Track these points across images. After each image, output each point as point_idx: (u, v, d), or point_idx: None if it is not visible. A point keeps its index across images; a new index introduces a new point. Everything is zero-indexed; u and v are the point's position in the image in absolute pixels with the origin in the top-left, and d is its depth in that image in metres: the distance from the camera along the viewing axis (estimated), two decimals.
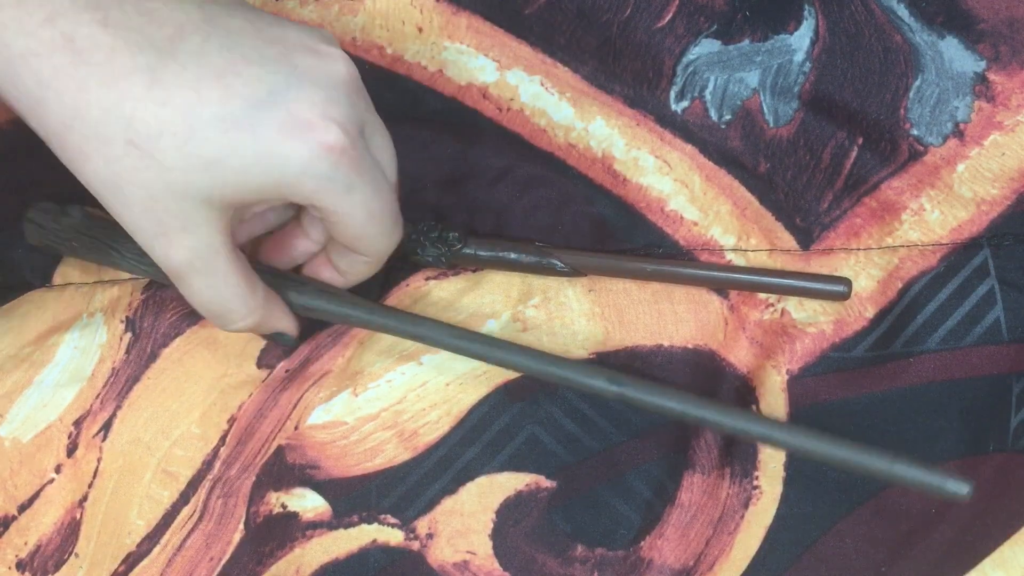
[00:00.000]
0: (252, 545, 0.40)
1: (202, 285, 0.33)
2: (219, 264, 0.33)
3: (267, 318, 0.36)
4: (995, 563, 0.39)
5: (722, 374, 0.41)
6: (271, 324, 0.36)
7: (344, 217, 0.33)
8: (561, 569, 0.40)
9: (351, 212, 0.33)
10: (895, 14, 0.41)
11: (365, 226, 0.34)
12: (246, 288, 0.34)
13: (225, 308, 0.34)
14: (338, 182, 0.32)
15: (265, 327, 0.36)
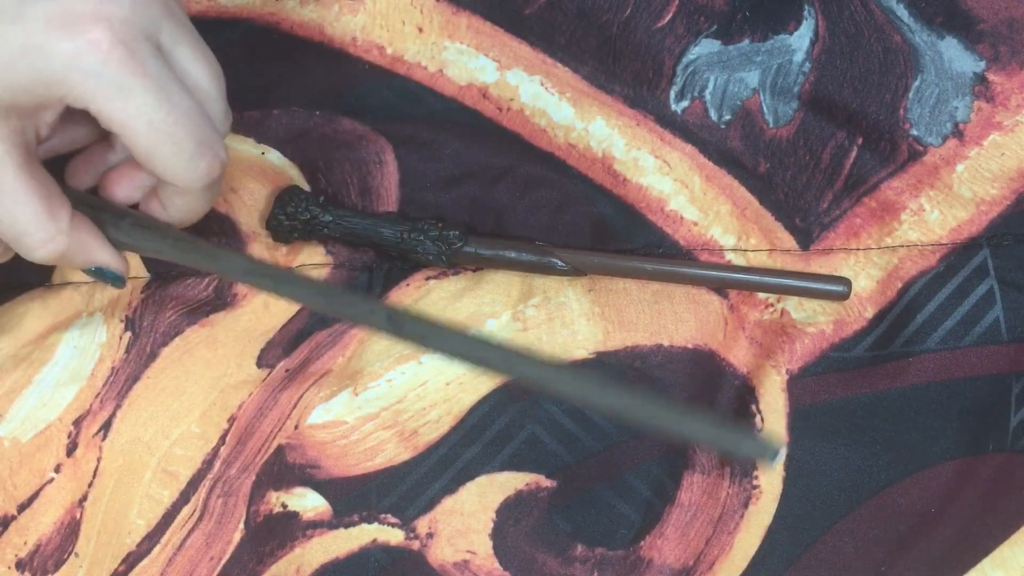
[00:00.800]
0: (252, 544, 0.40)
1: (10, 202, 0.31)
2: (6, 176, 0.31)
3: (78, 247, 0.33)
4: (995, 563, 0.39)
5: (722, 374, 0.41)
6: (85, 255, 0.34)
7: (123, 126, 0.31)
8: (561, 569, 0.40)
9: (129, 121, 0.31)
10: (895, 14, 0.41)
11: (150, 140, 0.31)
12: (43, 207, 0.32)
13: (19, 230, 0.32)
14: (108, 82, 0.30)
15: (78, 258, 0.34)
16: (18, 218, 0.31)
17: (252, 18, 0.43)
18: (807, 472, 0.40)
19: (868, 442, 0.40)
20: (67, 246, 0.33)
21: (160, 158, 0.32)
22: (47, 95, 0.30)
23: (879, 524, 0.40)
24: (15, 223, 0.32)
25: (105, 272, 0.35)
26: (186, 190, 0.34)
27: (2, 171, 0.31)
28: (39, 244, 0.32)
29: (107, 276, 0.35)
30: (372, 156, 0.43)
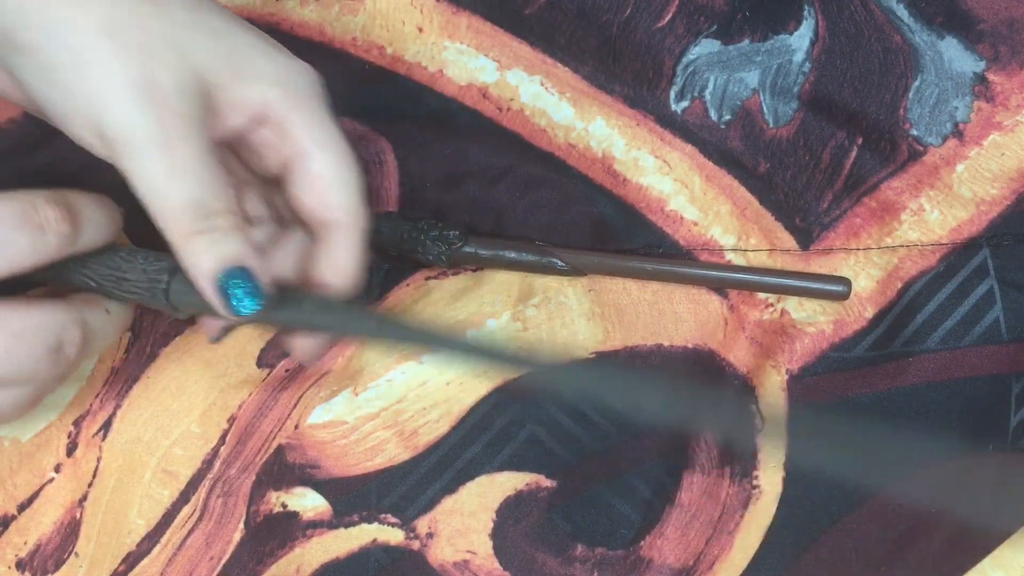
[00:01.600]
0: (252, 544, 0.40)
1: (189, 157, 0.30)
2: (205, 140, 0.30)
3: (248, 236, 0.32)
4: (995, 563, 0.39)
5: (722, 374, 0.41)
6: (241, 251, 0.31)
7: (321, 146, 0.33)
8: (561, 568, 0.40)
9: (327, 141, 0.33)
10: (895, 14, 0.41)
11: (339, 163, 0.33)
12: (228, 182, 0.31)
13: (210, 194, 0.30)
14: (315, 101, 0.32)
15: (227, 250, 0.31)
16: (210, 177, 0.30)
17: (252, 18, 0.43)
18: (807, 472, 0.40)
19: (868, 442, 0.40)
20: (245, 233, 0.31)
21: (343, 183, 0.33)
22: (253, 92, 0.31)
23: (879, 524, 0.40)
24: (204, 180, 0.30)
25: (242, 284, 0.31)
26: (352, 231, 0.34)
27: (195, 129, 0.30)
28: (215, 212, 0.30)
29: (242, 290, 0.31)
30: (372, 156, 0.43)
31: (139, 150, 0.29)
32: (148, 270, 0.34)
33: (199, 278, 0.31)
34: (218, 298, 0.31)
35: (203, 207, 0.30)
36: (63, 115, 0.30)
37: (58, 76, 0.29)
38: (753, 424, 0.41)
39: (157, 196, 0.30)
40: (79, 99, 0.29)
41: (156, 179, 0.29)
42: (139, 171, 0.30)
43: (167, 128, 0.29)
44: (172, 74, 0.29)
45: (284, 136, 0.33)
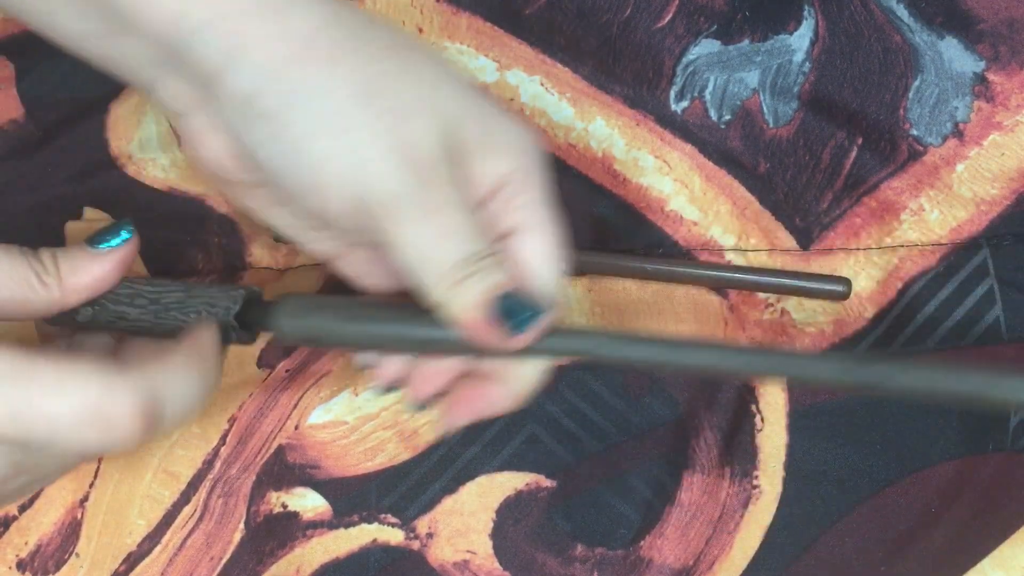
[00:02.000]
0: (252, 544, 0.40)
1: (457, 219, 0.28)
2: (463, 200, 0.29)
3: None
4: (995, 563, 0.39)
5: None
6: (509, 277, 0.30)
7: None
8: (561, 568, 0.40)
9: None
10: (895, 14, 0.41)
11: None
12: (479, 226, 0.29)
13: (477, 246, 0.29)
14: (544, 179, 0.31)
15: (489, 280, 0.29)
16: (476, 233, 0.29)
17: None
18: (807, 472, 0.40)
19: (868, 442, 0.40)
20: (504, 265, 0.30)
21: (548, 271, 0.31)
22: (494, 166, 0.30)
23: (879, 524, 0.40)
24: (471, 236, 0.29)
25: (517, 303, 0.29)
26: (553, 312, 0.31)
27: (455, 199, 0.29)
28: (490, 255, 0.29)
29: (518, 308, 0.29)
30: None
31: (406, 217, 0.28)
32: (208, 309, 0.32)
33: (468, 315, 0.29)
34: (494, 327, 0.29)
35: (476, 255, 0.29)
36: (307, 186, 0.28)
37: (308, 146, 0.28)
38: (753, 424, 0.41)
39: (424, 259, 0.28)
40: (332, 169, 0.28)
41: (424, 244, 0.28)
42: (405, 237, 0.28)
43: (431, 192, 0.28)
44: (429, 138, 0.28)
45: (508, 211, 0.31)
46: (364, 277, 0.35)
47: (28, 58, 0.44)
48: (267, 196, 0.32)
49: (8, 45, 0.44)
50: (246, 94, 0.28)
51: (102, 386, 0.27)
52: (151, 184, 0.43)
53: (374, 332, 0.31)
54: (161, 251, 0.43)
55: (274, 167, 0.29)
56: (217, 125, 0.30)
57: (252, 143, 0.29)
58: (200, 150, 0.31)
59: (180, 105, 0.30)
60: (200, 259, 0.43)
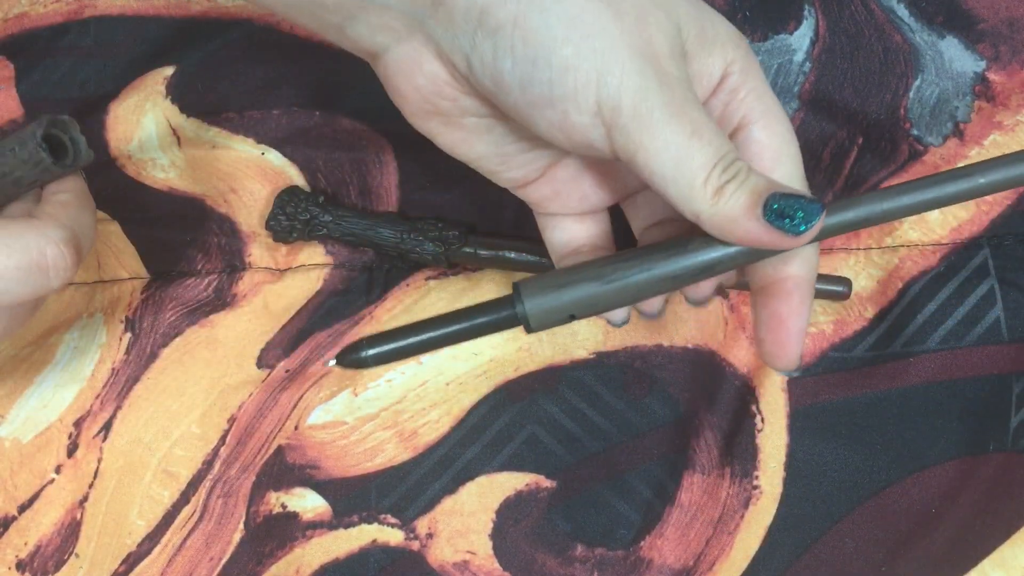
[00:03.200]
0: (252, 545, 0.40)
1: (702, 117, 0.27)
2: (699, 101, 0.28)
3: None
4: (995, 563, 0.39)
5: (722, 374, 0.41)
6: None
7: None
8: (561, 569, 0.40)
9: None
10: (895, 14, 0.41)
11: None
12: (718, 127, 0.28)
13: (727, 145, 0.28)
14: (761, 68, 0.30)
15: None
16: (720, 132, 0.28)
17: (252, 18, 0.43)
18: (807, 472, 0.40)
19: (868, 442, 0.40)
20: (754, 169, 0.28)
21: (789, 156, 0.31)
22: (718, 58, 0.29)
23: (879, 524, 0.40)
24: (720, 134, 0.28)
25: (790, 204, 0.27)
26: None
27: (695, 98, 0.28)
28: (740, 158, 0.28)
29: (795, 208, 0.27)
30: (372, 156, 0.43)
31: (654, 119, 0.27)
32: (23, 158, 0.34)
33: (740, 221, 0.27)
34: (772, 230, 0.27)
35: (727, 158, 0.27)
36: (547, 97, 0.28)
37: (552, 51, 0.27)
38: (753, 425, 0.41)
39: (679, 163, 0.27)
40: (580, 75, 0.27)
41: (678, 146, 0.27)
42: (655, 142, 0.27)
43: (675, 93, 0.27)
44: (666, 38, 0.27)
45: (736, 103, 0.30)
46: (549, 203, 0.34)
47: (28, 58, 0.44)
48: (477, 124, 0.32)
49: (8, 45, 0.44)
50: (480, 7, 0.27)
51: (39, 236, 0.32)
52: (151, 184, 0.43)
53: (635, 281, 0.30)
54: (161, 251, 0.43)
55: (510, 81, 0.28)
56: (434, 50, 0.29)
57: (486, 59, 0.28)
58: (411, 81, 0.30)
59: (387, 37, 0.29)
60: (200, 259, 0.43)
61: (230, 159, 0.43)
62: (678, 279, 0.30)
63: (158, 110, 0.43)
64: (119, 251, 0.43)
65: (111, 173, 0.43)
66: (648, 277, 0.29)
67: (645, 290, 0.30)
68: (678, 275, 0.30)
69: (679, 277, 0.30)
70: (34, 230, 0.32)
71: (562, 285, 0.30)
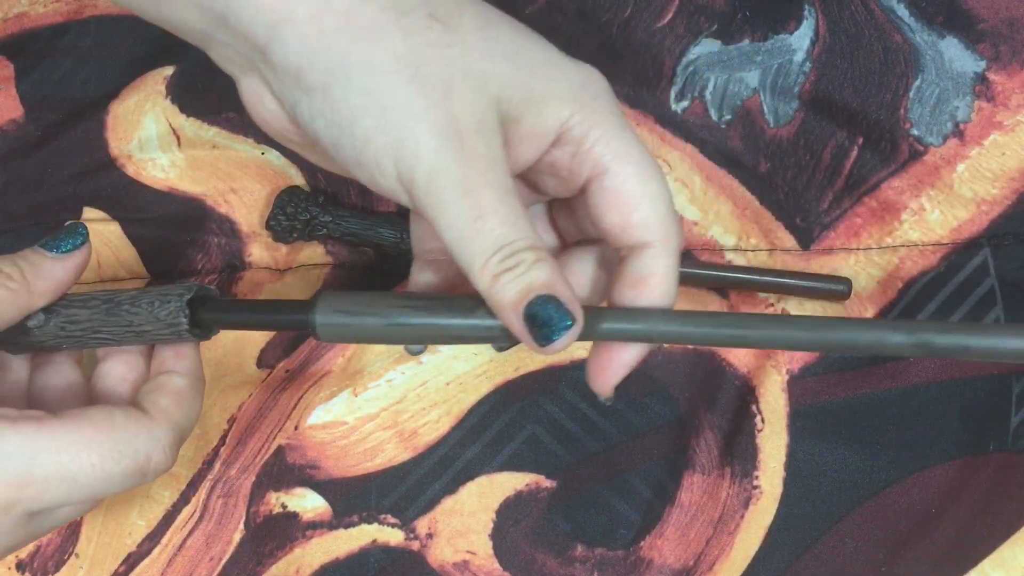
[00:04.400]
0: (252, 545, 0.40)
1: (493, 201, 0.27)
2: (507, 179, 0.28)
3: (555, 265, 0.28)
4: (995, 563, 0.39)
5: (722, 374, 0.41)
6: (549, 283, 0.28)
7: (624, 157, 0.29)
8: (561, 569, 0.40)
9: (631, 152, 0.29)
10: (895, 14, 0.41)
11: (646, 175, 0.29)
12: (528, 218, 0.28)
13: (514, 234, 0.28)
14: (613, 110, 0.29)
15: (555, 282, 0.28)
16: (516, 220, 0.28)
17: None
18: (807, 472, 0.40)
19: (868, 442, 0.40)
20: (552, 262, 0.28)
21: (649, 199, 0.29)
22: (549, 117, 0.29)
23: (879, 524, 0.40)
24: (515, 224, 0.28)
25: (553, 311, 0.28)
26: (665, 250, 0.30)
27: (505, 175, 0.28)
28: (526, 246, 0.28)
29: (553, 316, 0.28)
30: None
31: (446, 198, 0.27)
32: (160, 316, 0.32)
33: (505, 313, 0.28)
34: (527, 330, 0.28)
35: (508, 248, 0.28)
36: (353, 159, 0.28)
37: (353, 121, 0.27)
38: (753, 425, 0.41)
39: (464, 242, 0.28)
40: (378, 146, 0.27)
41: (461, 226, 0.27)
42: (443, 218, 0.28)
43: (471, 172, 0.27)
44: (473, 113, 0.27)
45: (582, 155, 0.30)
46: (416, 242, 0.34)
47: (28, 58, 0.44)
48: (325, 155, 0.32)
49: (8, 45, 0.44)
50: (293, 68, 0.27)
51: (148, 439, 0.31)
52: (151, 184, 0.43)
53: (416, 326, 0.30)
54: (161, 251, 0.43)
55: (322, 140, 0.28)
56: (270, 90, 0.29)
57: (300, 115, 0.28)
58: (256, 110, 0.31)
59: (234, 68, 0.30)
60: (200, 259, 0.43)
61: (230, 159, 0.43)
62: (456, 338, 0.30)
63: (158, 110, 0.43)
64: (119, 251, 0.42)
65: (111, 173, 0.43)
66: (428, 328, 0.30)
67: (425, 338, 0.31)
68: (457, 335, 0.30)
69: (458, 337, 0.30)
70: (145, 432, 0.31)
71: (351, 313, 0.30)
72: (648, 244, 0.29)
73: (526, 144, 0.29)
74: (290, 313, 0.31)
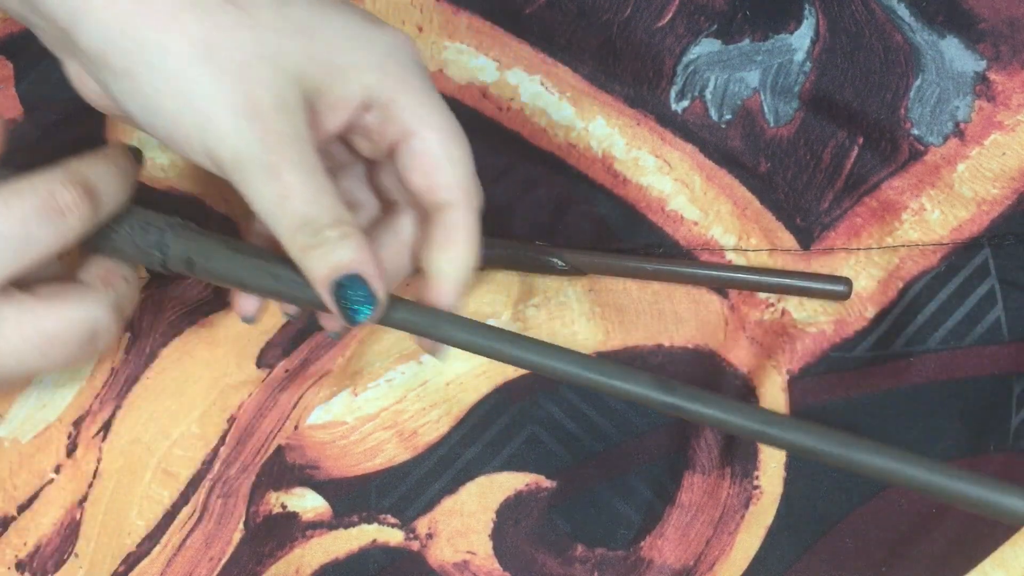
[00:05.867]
0: (252, 545, 0.40)
1: (295, 180, 0.28)
2: (310, 155, 0.29)
3: (362, 242, 0.30)
4: (995, 563, 0.39)
5: (723, 374, 0.41)
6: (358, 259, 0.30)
7: (425, 122, 0.30)
8: (561, 569, 0.40)
9: (432, 117, 0.30)
10: (895, 13, 0.41)
11: (447, 140, 0.31)
12: (335, 192, 0.30)
13: (318, 211, 0.29)
14: (419, 75, 0.30)
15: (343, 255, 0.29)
16: (318, 197, 0.29)
17: None
18: (807, 472, 0.40)
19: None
20: (359, 239, 0.29)
21: (451, 161, 0.31)
22: (353, 85, 0.30)
23: (879, 524, 0.40)
24: (316, 200, 0.29)
25: (356, 291, 0.30)
26: (464, 211, 0.32)
27: (307, 149, 0.29)
28: (331, 223, 0.29)
29: (356, 297, 0.30)
30: None
31: (252, 179, 0.29)
32: (140, 244, 0.33)
33: (316, 286, 0.30)
34: (336, 306, 0.30)
35: (313, 224, 0.29)
36: (167, 137, 0.29)
37: (159, 104, 0.28)
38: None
39: (273, 218, 0.29)
40: (183, 126, 0.28)
41: (267, 203, 0.29)
42: (252, 195, 0.29)
43: (272, 152, 0.28)
44: (271, 92, 0.28)
45: (388, 119, 0.31)
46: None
47: (28, 58, 0.44)
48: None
49: (8, 45, 0.44)
50: (98, 53, 0.28)
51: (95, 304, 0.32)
52: (151, 184, 0.43)
53: (243, 272, 0.32)
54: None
55: (137, 119, 0.29)
56: (87, 71, 0.30)
57: (114, 96, 0.29)
58: (83, 92, 0.32)
59: (56, 50, 0.31)
60: None
61: None
62: (279, 295, 0.32)
63: None
64: None
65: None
66: (259, 274, 0.32)
67: (250, 285, 0.32)
68: (279, 292, 0.32)
69: (280, 294, 0.32)
70: (91, 296, 0.33)
71: (200, 236, 0.33)
72: (451, 204, 0.31)
73: (334, 113, 0.30)
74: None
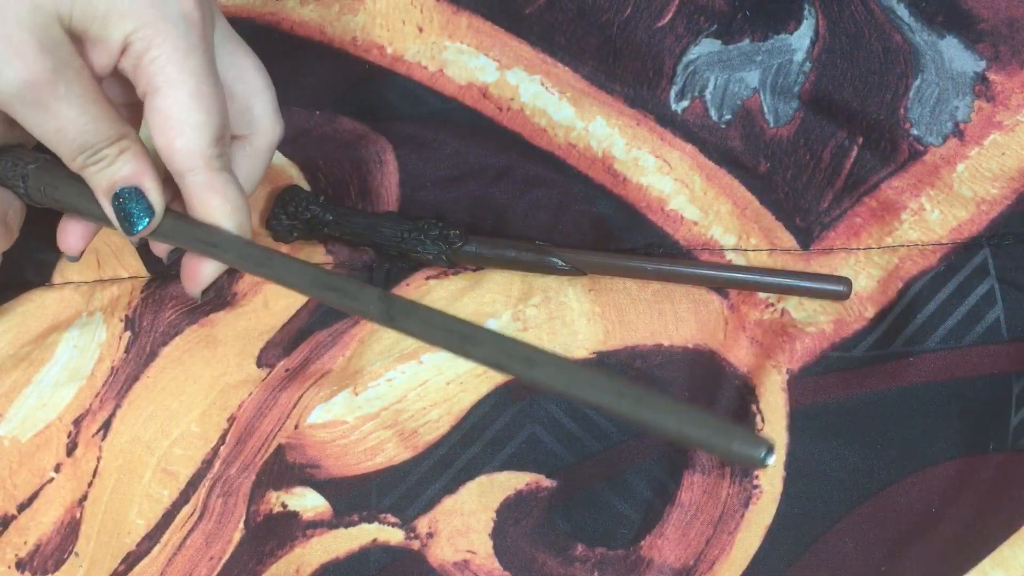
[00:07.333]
0: (252, 544, 0.40)
1: (67, 112, 0.30)
2: (78, 86, 0.30)
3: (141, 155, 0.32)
4: (995, 563, 0.39)
5: (722, 374, 0.41)
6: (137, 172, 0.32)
7: (175, 80, 0.31)
8: (561, 568, 0.40)
9: (183, 77, 0.31)
10: (895, 14, 0.41)
11: (191, 101, 0.31)
12: (113, 113, 0.31)
13: (94, 136, 0.31)
14: (180, 31, 0.31)
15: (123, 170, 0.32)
16: (95, 118, 0.31)
17: (252, 18, 0.43)
18: (807, 472, 0.40)
19: (868, 442, 0.40)
20: (136, 152, 0.32)
21: (194, 124, 0.31)
22: (111, 30, 0.30)
23: (879, 524, 0.40)
24: (92, 122, 0.31)
25: (134, 203, 0.32)
26: (209, 177, 0.32)
27: (82, 77, 0.30)
28: (109, 141, 0.31)
29: (134, 209, 0.32)
30: (372, 156, 0.43)
31: (28, 116, 0.30)
32: (9, 175, 0.34)
33: (100, 200, 0.32)
34: (115, 217, 0.32)
35: (90, 147, 0.31)
36: None
37: None
38: (753, 424, 0.41)
39: (53, 147, 0.31)
40: None
41: (47, 136, 0.31)
42: (32, 130, 0.31)
43: (40, 90, 0.30)
44: (34, 33, 0.29)
45: (140, 71, 0.31)
46: None
47: None
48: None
49: None
50: None
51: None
52: None
53: (77, 200, 0.33)
54: None
55: None
56: None
57: None
58: None
59: None
60: None
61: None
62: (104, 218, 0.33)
63: None
64: (119, 250, 0.42)
65: None
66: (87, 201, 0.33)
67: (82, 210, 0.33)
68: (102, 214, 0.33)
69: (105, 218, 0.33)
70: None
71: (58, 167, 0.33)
72: (189, 171, 0.32)
73: (98, 53, 0.31)
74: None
